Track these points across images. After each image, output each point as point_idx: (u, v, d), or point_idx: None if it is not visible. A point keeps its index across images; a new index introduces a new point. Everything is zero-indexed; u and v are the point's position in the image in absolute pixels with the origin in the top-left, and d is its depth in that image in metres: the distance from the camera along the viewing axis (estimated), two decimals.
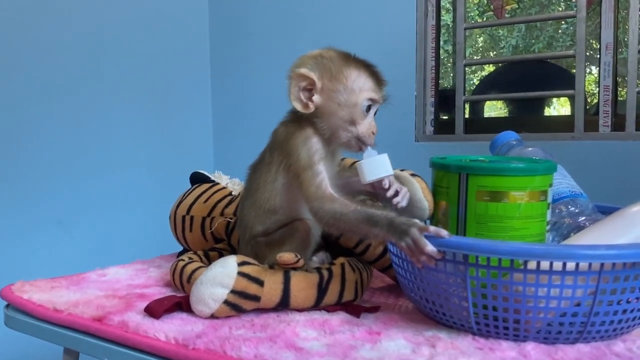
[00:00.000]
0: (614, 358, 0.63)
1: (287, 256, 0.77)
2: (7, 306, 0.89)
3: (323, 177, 0.78)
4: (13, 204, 1.62)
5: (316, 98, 0.79)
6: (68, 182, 1.76)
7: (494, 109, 2.73)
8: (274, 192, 0.83)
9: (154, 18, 2.04)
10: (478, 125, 2.00)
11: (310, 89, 0.80)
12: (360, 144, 0.80)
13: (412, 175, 0.84)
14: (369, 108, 0.80)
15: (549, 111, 2.40)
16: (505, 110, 2.47)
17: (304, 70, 0.79)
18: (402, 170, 0.85)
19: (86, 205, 1.81)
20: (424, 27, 1.94)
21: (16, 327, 0.87)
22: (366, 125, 0.80)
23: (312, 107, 0.79)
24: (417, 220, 0.68)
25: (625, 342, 0.67)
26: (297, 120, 0.82)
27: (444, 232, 0.66)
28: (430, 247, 0.66)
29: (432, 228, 0.66)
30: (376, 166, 0.78)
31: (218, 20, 2.27)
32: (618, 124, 1.69)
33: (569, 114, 2.05)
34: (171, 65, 2.11)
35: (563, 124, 1.80)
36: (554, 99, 2.76)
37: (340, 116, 0.79)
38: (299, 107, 0.80)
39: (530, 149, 0.90)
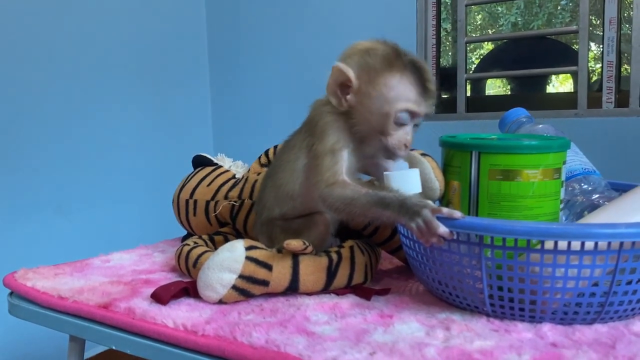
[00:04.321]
0: (633, 338, 0.62)
1: (295, 243, 0.75)
2: (11, 294, 0.88)
3: (341, 165, 0.74)
4: (11, 190, 1.60)
5: (351, 98, 0.75)
6: (66, 168, 1.74)
7: (495, 87, 2.70)
8: (294, 175, 0.80)
9: (152, 3, 2.01)
10: (480, 103, 1.98)
11: (348, 86, 0.75)
12: (389, 154, 0.75)
13: (423, 154, 0.82)
14: (403, 120, 0.73)
15: (551, 88, 2.37)
16: (507, 88, 2.44)
17: (342, 67, 0.74)
18: (411, 149, 0.84)
19: (84, 191, 1.79)
20: (425, 4, 1.91)
21: (20, 315, 0.85)
22: (397, 138, 0.74)
23: (345, 105, 0.75)
24: (429, 201, 0.66)
25: None
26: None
27: (457, 214, 0.64)
28: (442, 229, 0.64)
29: (445, 209, 0.64)
30: (404, 182, 0.72)
31: (215, 3, 2.24)
32: (621, 100, 1.68)
33: (571, 90, 2.02)
34: (169, 50, 2.08)
35: (566, 101, 1.79)
36: (554, 77, 2.73)
37: (372, 124, 0.74)
38: (334, 101, 0.76)
39: (541, 126, 0.88)
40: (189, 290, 0.78)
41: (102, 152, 1.84)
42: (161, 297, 0.75)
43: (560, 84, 2.76)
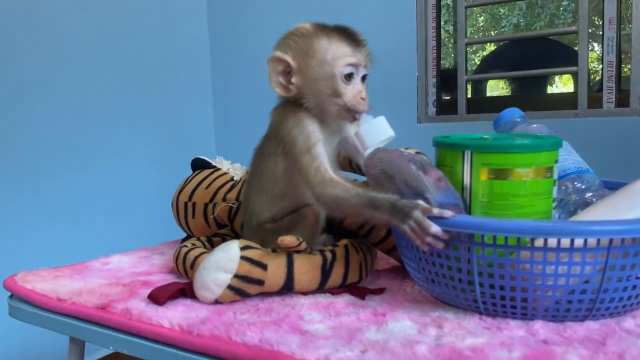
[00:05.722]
0: (624, 335, 0.62)
1: (288, 239, 0.76)
2: (11, 297, 0.89)
3: (321, 160, 0.76)
4: (14, 194, 1.61)
5: (295, 79, 0.78)
6: (69, 173, 1.75)
7: (497, 88, 2.71)
8: (278, 178, 0.82)
9: (152, 6, 2.02)
10: (481, 104, 1.98)
11: (288, 72, 0.78)
12: (352, 114, 0.78)
13: (417, 153, 0.82)
14: (350, 75, 0.77)
15: (552, 89, 2.38)
16: (508, 89, 2.45)
17: (278, 54, 0.78)
18: (406, 148, 0.84)
19: (87, 196, 1.80)
20: (424, 7, 1.92)
21: (20, 317, 0.86)
22: (351, 93, 0.77)
23: (293, 89, 0.78)
24: (420, 202, 0.66)
25: (635, 318, 0.66)
26: (289, 103, 0.80)
27: (448, 213, 0.64)
28: (435, 228, 0.65)
29: (435, 209, 0.65)
30: (374, 130, 0.76)
31: (216, 6, 2.25)
32: (622, 100, 1.68)
33: (572, 91, 2.03)
34: (170, 55, 2.09)
35: (566, 101, 1.79)
36: (557, 79, 2.73)
37: (323, 91, 0.77)
38: (280, 92, 0.79)
39: (535, 125, 0.89)
40: (185, 291, 0.79)
41: (105, 156, 1.86)
42: (158, 298, 0.76)
43: (563, 84, 2.76)
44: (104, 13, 1.86)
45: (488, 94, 2.29)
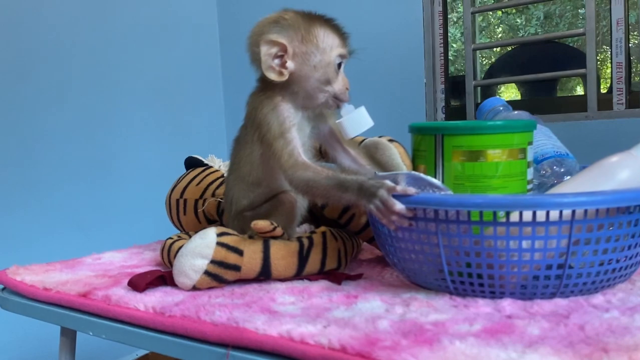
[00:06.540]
0: (590, 309, 0.61)
1: (262, 223, 0.76)
2: (3, 289, 0.91)
3: (295, 145, 0.76)
4: (30, 207, 1.64)
5: (290, 64, 0.78)
6: (85, 185, 1.77)
7: (509, 94, 2.69)
8: (254, 165, 0.83)
9: (162, 14, 2.06)
10: None
11: (281, 55, 0.78)
12: (337, 102, 0.80)
13: (390, 140, 0.83)
14: (339, 65, 0.80)
15: (563, 93, 2.35)
16: (518, 94, 2.43)
17: (274, 36, 0.77)
18: (380, 136, 0.85)
19: (103, 208, 1.82)
20: (431, 14, 1.93)
21: (10, 308, 0.88)
22: (341, 83, 0.80)
23: (286, 74, 0.78)
24: (386, 181, 0.66)
25: (605, 295, 0.65)
26: (265, 89, 0.81)
27: (411, 190, 0.65)
28: (399, 206, 0.65)
29: (399, 187, 0.65)
30: (356, 121, 0.79)
31: (227, 13, 2.28)
32: (633, 101, 1.66)
33: (582, 93, 2.01)
34: (182, 63, 2.13)
35: (576, 104, 1.77)
36: (578, 88, 2.69)
37: (316, 78, 0.78)
38: (273, 76, 0.78)
39: (516, 112, 0.88)
40: (165, 278, 0.80)
41: (116, 165, 1.88)
42: (137, 284, 0.77)
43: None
44: (115, 23, 1.90)
45: None
